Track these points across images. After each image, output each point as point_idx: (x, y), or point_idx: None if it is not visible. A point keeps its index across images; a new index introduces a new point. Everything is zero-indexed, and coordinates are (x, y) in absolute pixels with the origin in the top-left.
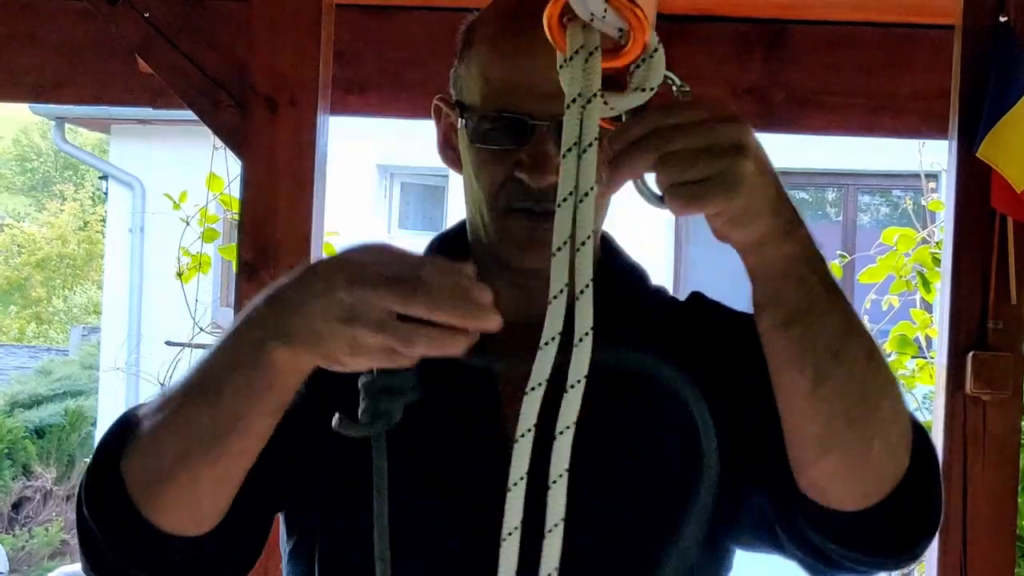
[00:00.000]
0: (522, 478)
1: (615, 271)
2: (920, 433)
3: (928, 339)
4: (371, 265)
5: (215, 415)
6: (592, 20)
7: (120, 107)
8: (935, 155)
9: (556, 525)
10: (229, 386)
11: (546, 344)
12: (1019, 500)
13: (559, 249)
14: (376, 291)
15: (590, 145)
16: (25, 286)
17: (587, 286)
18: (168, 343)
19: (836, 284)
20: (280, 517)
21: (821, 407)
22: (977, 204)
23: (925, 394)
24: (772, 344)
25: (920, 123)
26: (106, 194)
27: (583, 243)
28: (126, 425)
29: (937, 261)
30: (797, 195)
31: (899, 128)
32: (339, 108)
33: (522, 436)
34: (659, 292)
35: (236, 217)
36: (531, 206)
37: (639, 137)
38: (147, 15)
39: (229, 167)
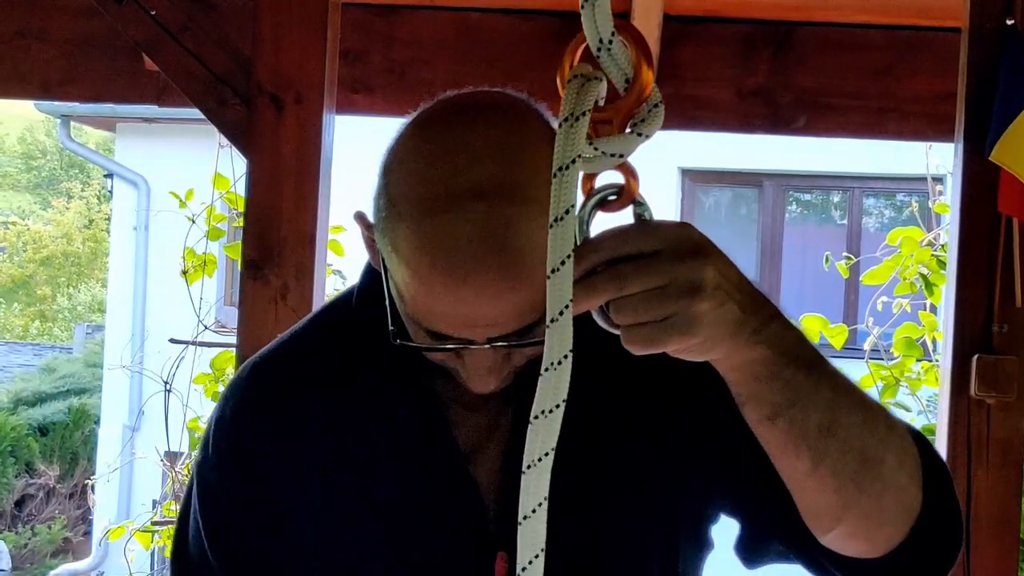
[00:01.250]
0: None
1: None
2: (926, 452)
3: (935, 341)
4: None
5: None
6: (600, 50)
7: (126, 105)
8: (940, 158)
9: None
10: None
11: (546, 370)
12: (1023, 503)
13: (554, 271)
14: None
15: (573, 162)
16: (30, 284)
17: (565, 307)
18: (172, 341)
19: (819, 359)
20: None
21: (826, 482)
22: (983, 207)
23: (930, 396)
24: (761, 435)
25: (926, 126)
26: (111, 192)
27: (562, 263)
28: None
29: (942, 264)
30: (802, 197)
31: (905, 131)
32: (345, 107)
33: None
34: None
35: (237, 222)
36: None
37: (594, 267)
38: (153, 13)
39: (235, 165)
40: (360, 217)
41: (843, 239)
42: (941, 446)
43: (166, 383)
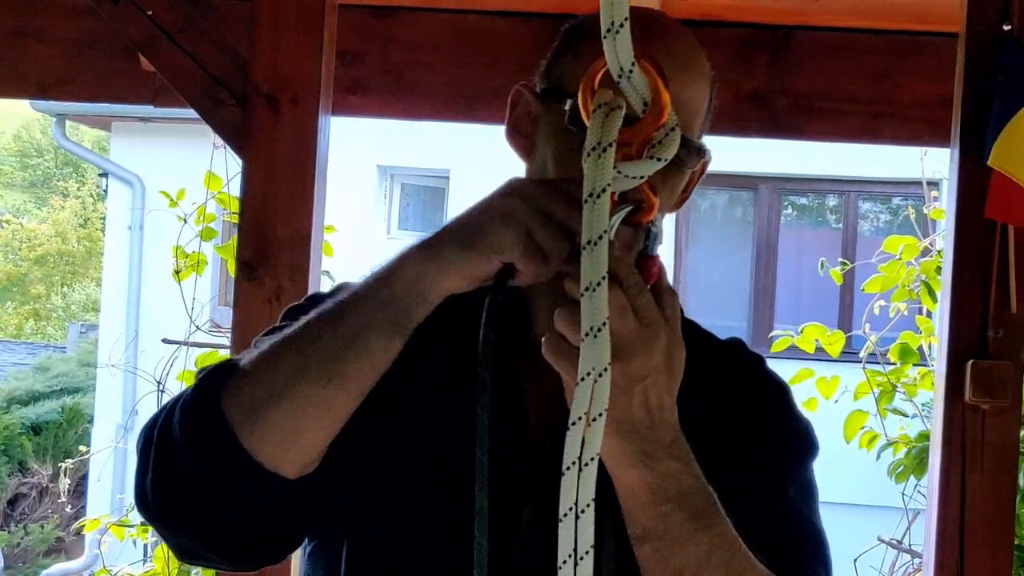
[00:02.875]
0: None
1: None
2: None
3: (932, 347)
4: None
5: (335, 331)
6: (620, 78)
7: (122, 104)
8: (937, 163)
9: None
10: (353, 304)
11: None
12: (1017, 509)
13: (588, 289)
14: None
15: (604, 190)
16: (24, 282)
17: (603, 323)
18: (165, 341)
19: (710, 516)
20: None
21: None
22: (978, 212)
23: (926, 401)
24: (635, 551)
25: (922, 131)
26: (106, 191)
27: (598, 283)
28: (225, 365)
29: (938, 269)
30: (797, 201)
31: (901, 135)
32: (340, 108)
33: (567, 468)
34: (691, 325)
35: (230, 218)
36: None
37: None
38: (150, 13)
39: (228, 166)
40: (515, 91)
41: (838, 243)
42: (936, 451)
43: (159, 383)
